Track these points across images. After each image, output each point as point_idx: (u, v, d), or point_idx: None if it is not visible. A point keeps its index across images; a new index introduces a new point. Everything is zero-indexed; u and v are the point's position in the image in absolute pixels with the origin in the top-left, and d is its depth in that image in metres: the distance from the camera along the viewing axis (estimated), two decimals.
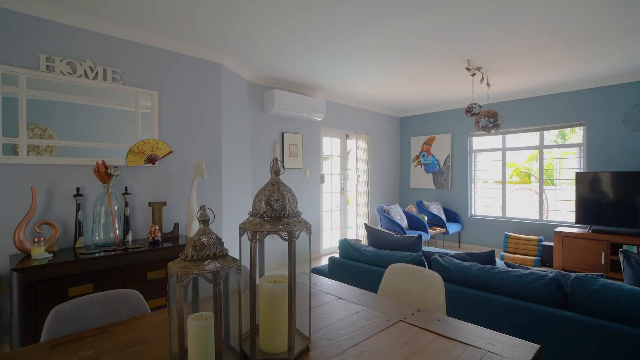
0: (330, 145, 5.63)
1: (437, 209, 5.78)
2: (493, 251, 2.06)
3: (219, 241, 0.91)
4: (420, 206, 5.78)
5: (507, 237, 5.21)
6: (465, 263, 1.99)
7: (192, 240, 0.90)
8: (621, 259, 1.70)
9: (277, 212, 0.95)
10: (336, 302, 1.41)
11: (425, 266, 2.22)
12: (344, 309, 1.33)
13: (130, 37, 2.98)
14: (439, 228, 5.39)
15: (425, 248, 3.47)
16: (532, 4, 2.54)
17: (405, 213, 5.34)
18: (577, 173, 4.56)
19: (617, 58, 3.74)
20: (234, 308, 1.05)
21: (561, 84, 4.79)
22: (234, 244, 3.90)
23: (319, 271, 2.74)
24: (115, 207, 2.81)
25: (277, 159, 1.02)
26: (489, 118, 4.06)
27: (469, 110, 4.11)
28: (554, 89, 4.96)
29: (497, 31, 3.02)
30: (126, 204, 2.93)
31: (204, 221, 0.92)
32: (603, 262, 4.19)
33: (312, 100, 4.77)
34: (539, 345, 1.03)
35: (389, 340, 1.08)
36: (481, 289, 1.87)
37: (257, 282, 0.99)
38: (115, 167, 2.80)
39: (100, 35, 2.85)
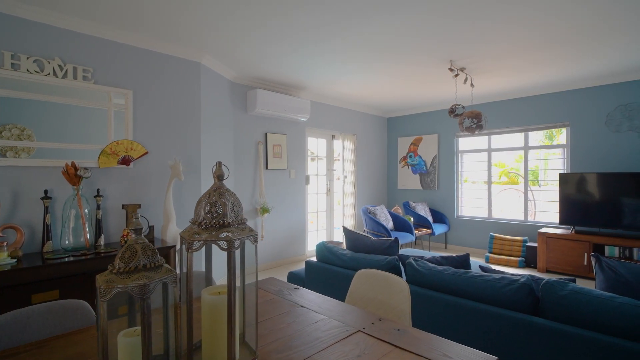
0: (316, 145, 5.58)
1: (423, 210, 5.76)
2: (467, 254, 2.02)
3: (152, 252, 0.85)
4: (406, 207, 5.75)
5: (492, 237, 5.21)
6: (439, 267, 1.95)
7: (121, 251, 0.83)
8: (593, 263, 1.67)
9: (217, 220, 0.89)
10: (297, 310, 1.35)
11: (401, 270, 2.18)
12: (303, 319, 1.27)
13: (102, 35, 2.90)
14: (424, 229, 5.36)
15: (402, 251, 3.43)
16: (513, 3, 2.52)
17: (391, 214, 5.31)
18: (560, 174, 4.57)
19: (599, 60, 3.74)
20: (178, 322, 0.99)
21: (545, 85, 4.79)
22: (212, 251, 3.83)
23: (295, 275, 2.68)
24: (86, 210, 2.73)
25: (220, 162, 0.96)
26: (472, 119, 4.04)
27: (452, 111, 4.09)
28: (537, 90, 4.97)
29: (479, 32, 3.00)
30: (98, 207, 2.84)
31: (136, 230, 0.86)
32: (585, 263, 4.20)
33: (297, 100, 4.71)
34: (496, 357, 0.99)
35: (342, 353, 1.03)
36: (454, 294, 1.83)
37: (197, 294, 0.93)
38: (86, 168, 2.71)
39: (69, 33, 2.76)
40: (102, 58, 2.92)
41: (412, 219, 5.39)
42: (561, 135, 5.25)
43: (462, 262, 2.03)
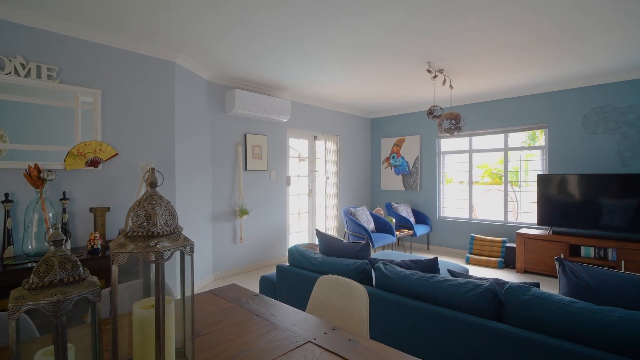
0: (297, 146, 5.53)
1: (405, 211, 5.77)
2: (436, 258, 2.00)
3: (72, 265, 0.80)
4: (389, 208, 5.75)
5: (472, 238, 5.24)
6: (407, 271, 1.93)
7: (37, 265, 0.78)
8: (557, 267, 1.67)
9: (145, 230, 0.84)
10: (252, 320, 1.31)
11: (371, 274, 2.15)
12: (256, 328, 1.23)
13: (68, 32, 2.80)
14: (406, 230, 5.37)
15: (379, 253, 3.41)
16: (489, 6, 2.51)
17: (373, 215, 5.29)
18: (538, 175, 4.62)
19: (575, 63, 3.79)
20: (106, 339, 0.93)
21: (523, 87, 4.84)
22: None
23: (267, 279, 2.63)
24: (50, 214, 2.63)
25: (153, 169, 0.91)
26: (451, 120, 4.05)
27: (431, 112, 4.09)
28: (516, 92, 5.02)
29: (456, 34, 2.99)
30: (64, 210, 2.75)
31: (55, 242, 0.81)
32: None
33: (277, 101, 4.66)
34: None
35: None
36: (421, 299, 1.81)
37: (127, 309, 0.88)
38: (50, 170, 2.62)
39: (32, 30, 2.66)
40: (69, 56, 2.83)
41: (394, 220, 5.39)
42: (544, 137, 5.32)
43: (431, 266, 2.01)
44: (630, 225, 3.95)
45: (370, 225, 5.12)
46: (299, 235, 5.54)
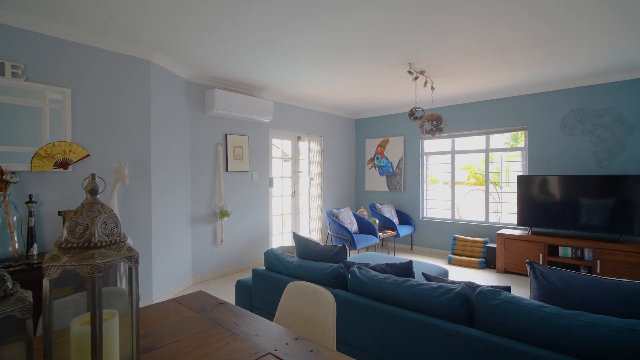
0: (280, 147, 5.47)
1: (389, 212, 5.77)
2: (410, 262, 1.99)
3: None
4: (373, 209, 5.74)
5: (455, 239, 5.27)
6: (381, 275, 1.90)
7: None
8: (528, 270, 1.66)
9: (82, 241, 0.79)
10: (213, 330, 1.25)
11: (346, 278, 2.11)
12: (216, 339, 1.18)
13: (34, 28, 2.68)
14: (389, 231, 5.37)
15: (357, 256, 3.39)
16: (470, 10, 2.51)
17: (356, 216, 5.28)
18: (518, 176, 4.68)
19: (554, 65, 3.84)
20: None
21: (503, 89, 4.90)
22: (164, 259, 3.66)
23: (243, 284, 2.57)
24: (14, 218, 2.52)
25: (94, 174, 0.85)
26: (432, 122, 4.06)
27: (412, 114, 4.09)
28: (497, 94, 5.07)
29: (436, 35, 2.99)
30: (30, 214, 2.64)
31: None
32: (541, 263, 4.29)
33: (258, 101, 4.59)
34: None
35: None
36: (394, 304, 1.78)
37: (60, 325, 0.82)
38: (14, 172, 2.51)
39: None
40: (36, 54, 2.71)
41: (377, 221, 5.38)
42: (524, 138, 5.39)
43: (405, 269, 1.99)
44: (606, 226, 4.03)
45: (354, 227, 5.10)
46: (282, 236, 5.49)
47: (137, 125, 3.29)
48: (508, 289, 1.66)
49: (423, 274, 1.99)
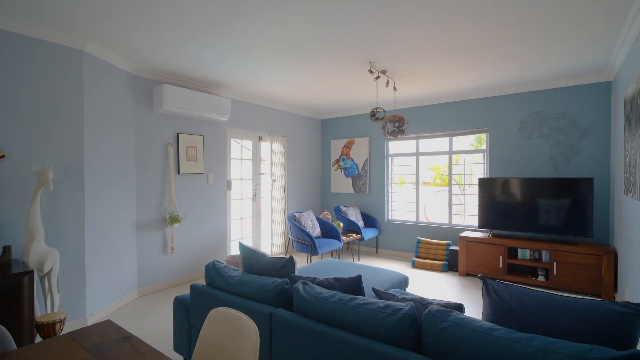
0: (240, 148, 5.20)
1: (354, 215, 5.64)
2: (359, 276, 1.82)
3: None
4: (337, 212, 5.59)
5: (419, 242, 5.22)
6: (326, 293, 1.72)
7: None
8: (481, 286, 1.54)
9: None
10: None
11: (291, 294, 1.91)
12: None
13: None
14: (354, 235, 5.24)
15: (303, 268, 3.21)
16: (429, 6, 2.38)
17: (319, 220, 5.10)
18: (479, 178, 4.68)
19: (512, 68, 3.83)
20: None
21: (465, 92, 4.89)
22: (102, 271, 3.31)
23: (181, 301, 2.31)
24: None
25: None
26: (394, 123, 3.95)
27: (373, 114, 3.96)
28: (459, 96, 5.06)
29: (395, 33, 2.85)
30: None
31: None
32: (501, 266, 4.31)
33: (214, 99, 4.30)
34: None
35: None
36: (338, 325, 1.60)
37: None
38: None
39: None
40: None
41: (341, 225, 5.24)
42: (486, 140, 5.42)
43: (354, 284, 1.82)
44: (562, 228, 4.09)
45: (316, 231, 4.92)
46: (243, 242, 5.21)
47: (67, 123, 2.93)
48: (460, 307, 1.53)
49: (373, 289, 1.83)
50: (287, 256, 2.13)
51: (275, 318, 1.79)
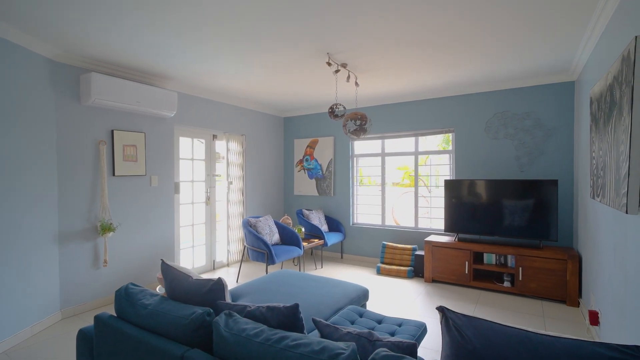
0: (190, 147, 4.73)
1: (317, 219, 5.32)
2: (297, 305, 1.48)
3: None
4: (300, 216, 5.25)
5: (384, 246, 4.97)
6: (251, 330, 1.36)
7: None
8: (440, 319, 1.24)
9: None
10: None
11: (212, 328, 1.53)
12: None
13: None
14: (316, 240, 4.91)
15: (245, 284, 2.83)
16: None
17: (278, 225, 4.73)
18: (445, 180, 4.48)
19: (477, 65, 3.63)
20: None
21: (430, 90, 4.69)
22: (10, 292, 2.77)
23: (84, 335, 1.87)
24: None
25: None
26: (355, 121, 3.65)
27: (332, 111, 3.65)
28: (424, 94, 4.86)
29: (358, 20, 2.53)
30: None
31: None
32: (467, 272, 4.13)
33: (156, 91, 3.82)
34: None
35: None
36: None
37: None
38: None
39: None
40: None
41: (302, 230, 4.89)
42: (451, 141, 5.26)
43: (290, 315, 1.48)
44: (527, 231, 3.95)
45: (274, 237, 4.54)
46: (194, 250, 4.75)
47: None
48: (412, 349, 1.22)
49: (313, 320, 1.49)
50: (216, 277, 1.75)
51: None
